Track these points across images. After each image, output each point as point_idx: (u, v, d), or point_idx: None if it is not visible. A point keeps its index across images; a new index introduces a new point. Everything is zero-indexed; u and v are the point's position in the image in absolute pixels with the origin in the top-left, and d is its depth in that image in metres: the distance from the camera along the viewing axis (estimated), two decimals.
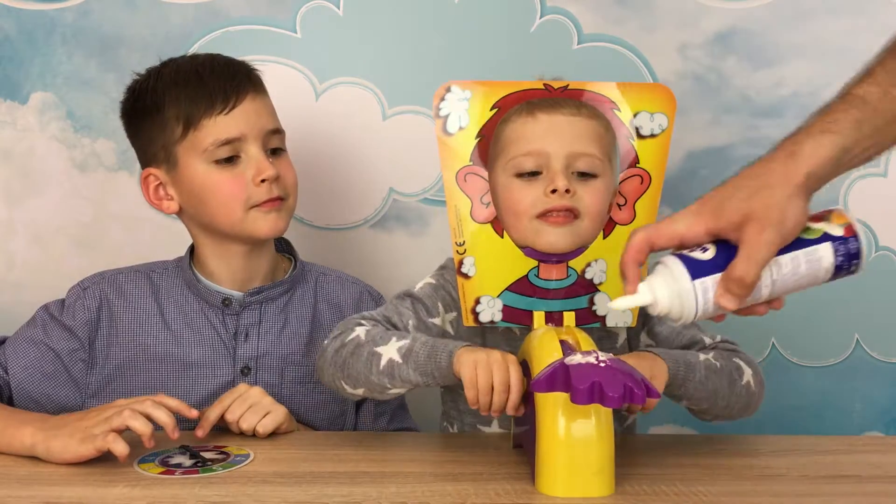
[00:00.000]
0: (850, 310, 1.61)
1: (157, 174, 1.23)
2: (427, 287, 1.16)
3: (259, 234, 1.22)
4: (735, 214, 0.85)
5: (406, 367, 1.03)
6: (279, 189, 1.22)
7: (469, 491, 0.94)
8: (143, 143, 1.24)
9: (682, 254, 0.89)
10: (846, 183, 1.58)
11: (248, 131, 1.20)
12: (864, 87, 0.85)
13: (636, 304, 0.88)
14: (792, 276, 0.88)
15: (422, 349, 1.02)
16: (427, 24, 1.55)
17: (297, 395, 1.27)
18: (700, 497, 0.92)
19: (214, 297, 1.26)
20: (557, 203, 1.06)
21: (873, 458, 1.08)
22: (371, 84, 1.56)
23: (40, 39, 1.54)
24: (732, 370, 1.10)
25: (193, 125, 1.19)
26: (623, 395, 0.84)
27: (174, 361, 1.24)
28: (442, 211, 1.56)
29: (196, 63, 1.23)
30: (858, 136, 0.85)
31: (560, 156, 1.07)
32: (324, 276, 1.35)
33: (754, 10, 1.56)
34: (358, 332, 1.07)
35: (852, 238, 0.89)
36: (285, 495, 0.93)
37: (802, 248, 0.87)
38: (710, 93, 1.57)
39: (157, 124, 1.21)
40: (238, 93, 1.20)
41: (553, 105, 1.09)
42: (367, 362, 1.05)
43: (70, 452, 1.01)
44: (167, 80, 1.22)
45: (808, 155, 0.85)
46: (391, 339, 1.05)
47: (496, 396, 0.98)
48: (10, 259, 1.57)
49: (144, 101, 1.22)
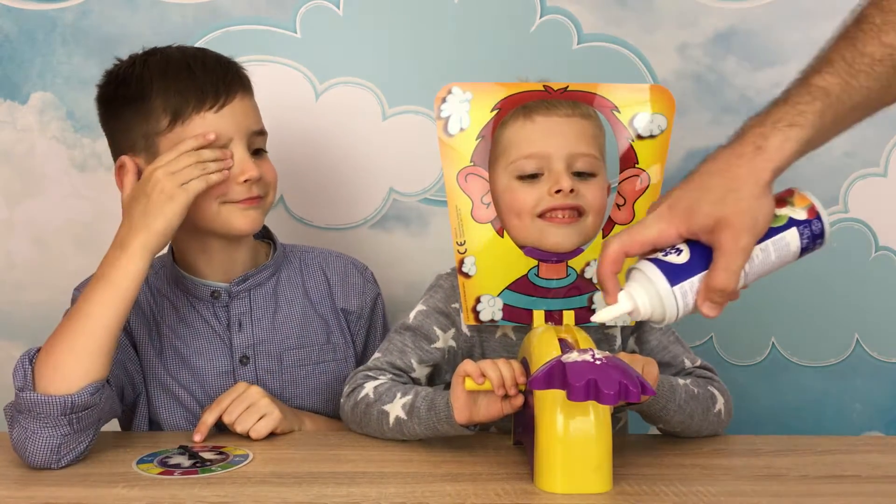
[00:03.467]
0: (850, 310, 1.61)
1: (135, 162, 1.18)
2: (419, 315, 1.18)
3: (235, 230, 1.20)
4: (707, 219, 0.85)
5: (411, 424, 1.07)
6: (259, 188, 1.20)
7: (469, 491, 0.94)
8: (121, 130, 1.21)
9: (656, 258, 0.88)
10: (846, 183, 1.58)
11: (234, 131, 1.18)
12: (826, 77, 0.85)
13: (619, 313, 0.88)
14: (762, 266, 0.89)
15: (422, 404, 1.06)
16: (427, 24, 1.55)
17: (297, 379, 1.27)
18: (700, 497, 0.92)
19: (202, 290, 1.25)
20: (562, 202, 1.08)
21: (873, 458, 1.08)
22: (371, 84, 1.56)
23: (40, 39, 1.54)
24: (707, 398, 1.12)
25: (181, 119, 1.16)
26: (618, 392, 0.85)
27: (174, 357, 1.24)
28: (442, 211, 1.56)
29: (186, 56, 1.21)
30: (821, 127, 0.85)
31: (561, 156, 1.09)
32: (307, 254, 1.35)
33: (754, 10, 1.56)
34: (367, 389, 1.12)
35: (816, 219, 0.90)
36: (284, 496, 0.93)
37: (770, 238, 0.88)
38: (710, 93, 1.57)
39: (140, 113, 1.18)
40: (229, 92, 1.19)
41: (549, 107, 1.11)
42: (378, 421, 1.09)
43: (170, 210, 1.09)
44: (155, 70, 1.19)
45: (775, 149, 0.84)
46: (396, 396, 1.08)
47: (503, 368, 0.99)
48: (10, 259, 1.57)
49: (128, 87, 1.19)
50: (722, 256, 0.85)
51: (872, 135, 1.58)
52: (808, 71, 0.87)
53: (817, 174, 1.57)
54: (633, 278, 0.89)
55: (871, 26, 0.84)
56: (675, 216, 0.86)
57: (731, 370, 1.60)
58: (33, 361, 1.04)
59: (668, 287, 0.86)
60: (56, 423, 1.01)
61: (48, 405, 1.01)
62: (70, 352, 1.03)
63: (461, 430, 1.04)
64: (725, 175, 0.85)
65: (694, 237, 0.87)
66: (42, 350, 1.05)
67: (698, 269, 0.86)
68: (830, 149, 1.56)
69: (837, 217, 1.58)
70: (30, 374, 1.03)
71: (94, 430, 1.05)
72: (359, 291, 1.34)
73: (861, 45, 0.84)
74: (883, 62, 0.83)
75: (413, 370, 1.15)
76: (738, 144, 0.86)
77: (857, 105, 0.85)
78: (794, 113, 0.85)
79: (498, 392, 0.99)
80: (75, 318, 1.06)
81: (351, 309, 1.32)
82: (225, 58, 1.23)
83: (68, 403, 1.01)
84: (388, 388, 1.11)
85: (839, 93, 0.84)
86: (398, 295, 1.49)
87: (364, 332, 1.34)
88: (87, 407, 1.02)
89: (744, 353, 1.62)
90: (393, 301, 1.40)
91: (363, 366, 1.17)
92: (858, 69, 0.84)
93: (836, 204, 1.58)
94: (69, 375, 1.02)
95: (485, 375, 0.99)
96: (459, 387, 1.01)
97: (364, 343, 1.33)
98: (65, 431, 1.01)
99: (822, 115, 0.85)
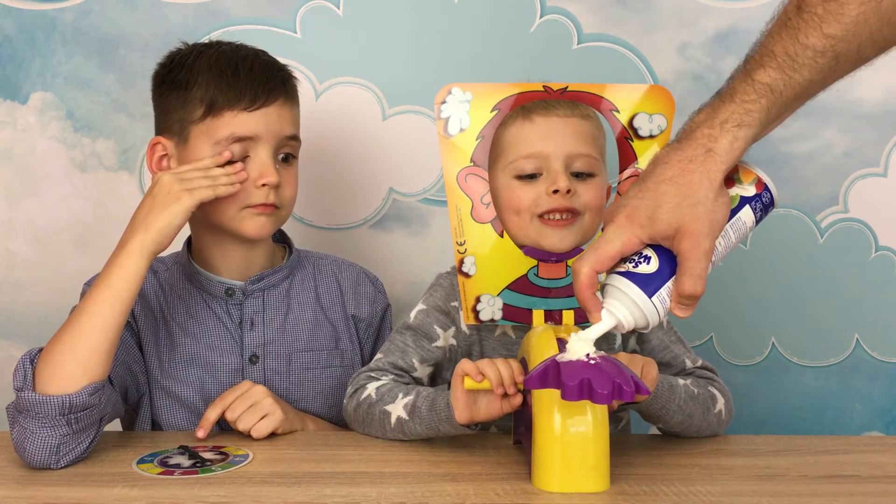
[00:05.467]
0: (850, 310, 1.61)
1: (167, 145, 1.22)
2: (420, 315, 1.18)
3: (244, 234, 1.22)
4: (667, 228, 0.86)
5: (413, 424, 1.07)
6: (276, 198, 1.21)
7: (468, 491, 0.94)
8: (163, 111, 1.24)
9: (628, 272, 0.89)
10: (846, 183, 1.58)
11: (263, 134, 1.20)
12: (770, 73, 0.86)
13: (604, 330, 0.90)
14: (724, 249, 0.91)
15: (423, 404, 1.07)
16: (427, 24, 1.55)
17: (304, 382, 1.28)
18: (700, 497, 0.92)
19: (217, 287, 1.26)
20: (559, 203, 1.08)
21: (873, 458, 1.08)
22: (371, 84, 1.56)
23: (40, 39, 1.54)
24: (707, 398, 1.13)
25: (214, 112, 1.19)
26: (612, 391, 0.85)
27: (184, 354, 1.25)
28: (442, 211, 1.57)
29: (238, 56, 1.23)
30: (766, 122, 0.87)
31: (559, 157, 1.09)
32: (321, 260, 1.36)
33: (754, 10, 1.56)
34: (369, 389, 1.13)
35: (764, 191, 0.92)
36: (284, 496, 0.93)
37: (728, 222, 0.90)
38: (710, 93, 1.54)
39: (181, 99, 1.21)
40: (268, 95, 1.21)
41: (548, 107, 1.11)
42: (380, 422, 1.10)
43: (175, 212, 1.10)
44: (204, 63, 1.21)
45: (725, 151, 0.86)
46: (398, 397, 1.09)
47: (501, 367, 1.00)
48: (10, 259, 1.57)
49: (177, 73, 1.22)
50: (685, 262, 0.86)
51: (872, 135, 1.59)
52: (752, 64, 0.88)
53: (817, 174, 1.57)
54: (610, 294, 0.90)
55: (812, 16, 0.84)
56: (634, 226, 0.88)
57: (731, 370, 1.60)
58: (34, 362, 1.04)
59: (646, 298, 0.88)
60: (54, 423, 1.01)
61: (46, 405, 1.01)
62: (69, 352, 1.03)
63: (462, 430, 1.04)
64: (679, 182, 0.86)
65: (657, 242, 0.88)
66: (43, 350, 1.05)
67: (669, 274, 0.88)
68: (830, 149, 1.58)
69: (837, 217, 1.58)
70: (30, 375, 1.03)
71: (94, 431, 1.05)
72: (370, 300, 1.35)
73: (803, 37, 0.84)
74: (825, 54, 0.84)
75: (415, 370, 1.16)
76: (689, 146, 0.87)
77: (798, 96, 0.87)
78: (742, 112, 0.86)
79: (497, 391, 1.00)
80: (76, 318, 1.06)
81: (361, 316, 1.34)
82: (278, 64, 1.26)
83: (66, 404, 1.01)
84: (390, 388, 1.11)
85: (783, 88, 0.85)
86: (398, 295, 1.49)
87: (372, 341, 1.35)
88: (85, 407, 1.02)
89: (744, 353, 1.62)
90: (393, 301, 1.40)
91: (365, 366, 1.18)
92: (801, 63, 0.84)
93: (836, 204, 1.58)
94: (68, 376, 1.02)
95: (483, 374, 0.99)
96: (459, 387, 1.01)
97: (371, 351, 1.34)
98: (63, 432, 1.01)
99: (768, 111, 0.86)
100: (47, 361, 1.03)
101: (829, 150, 1.58)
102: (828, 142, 1.58)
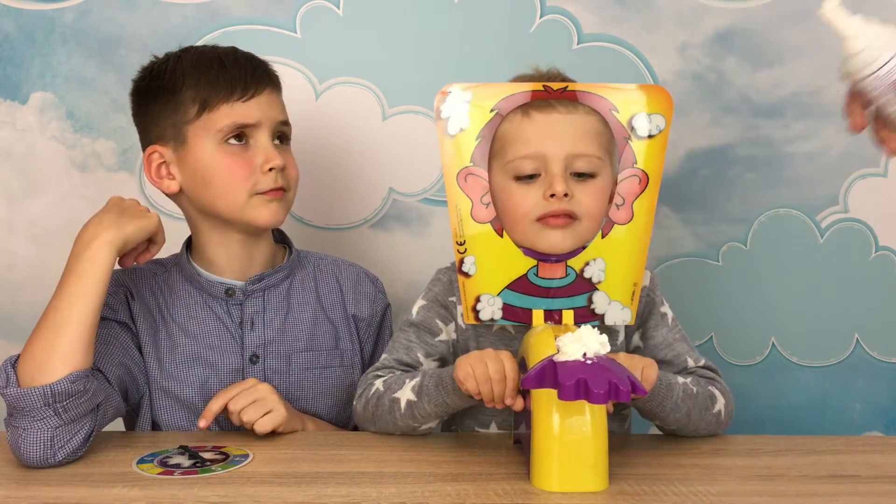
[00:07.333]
0: (850, 310, 1.61)
1: (163, 152, 1.23)
2: (421, 310, 1.19)
3: (258, 223, 1.23)
4: None
5: (422, 404, 1.08)
6: (283, 180, 1.23)
7: (468, 491, 0.94)
8: (150, 121, 1.25)
9: None
10: (846, 183, 1.58)
11: (262, 120, 1.22)
12: None
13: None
14: None
15: (430, 382, 1.08)
16: (427, 24, 1.55)
17: (304, 382, 1.28)
18: (700, 497, 0.92)
19: (217, 288, 1.26)
20: (556, 207, 1.08)
21: (873, 458, 1.08)
22: (371, 84, 1.56)
23: (40, 39, 1.54)
24: (707, 398, 1.12)
25: (209, 108, 1.20)
26: (608, 391, 0.86)
27: (184, 354, 1.25)
28: (442, 211, 1.57)
29: (218, 52, 1.25)
30: None
31: (558, 158, 1.08)
32: (321, 260, 1.37)
33: (754, 10, 1.56)
34: (377, 384, 1.13)
35: None
36: (284, 496, 0.93)
37: None
38: (709, 93, 1.57)
39: (169, 104, 1.22)
40: (258, 85, 1.23)
41: (548, 103, 1.09)
42: (390, 410, 1.11)
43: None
44: (187, 64, 1.23)
45: None
46: (405, 382, 1.10)
47: (494, 385, 1.01)
48: (10, 259, 1.57)
49: (161, 81, 1.23)
50: None
51: None
52: None
53: (817, 174, 1.57)
54: None
55: None
56: None
57: (731, 370, 1.60)
58: (14, 365, 1.06)
59: None
60: (42, 414, 1.02)
61: (29, 397, 1.02)
62: (45, 345, 1.05)
63: (469, 401, 1.06)
64: None
65: None
66: (23, 350, 1.07)
67: None
68: (830, 149, 1.58)
69: (837, 217, 1.58)
70: (12, 376, 1.04)
71: (88, 423, 1.06)
72: (370, 300, 1.36)
73: None
74: None
75: (420, 364, 1.16)
76: None
77: None
78: None
79: (488, 405, 1.02)
80: (48, 314, 1.08)
81: (362, 316, 1.34)
82: (256, 57, 1.27)
83: (48, 392, 1.02)
84: (397, 378, 1.12)
85: None
86: (398, 294, 1.49)
87: (373, 341, 1.35)
88: (70, 395, 1.03)
89: (744, 353, 1.62)
90: (393, 300, 1.40)
91: (371, 367, 1.19)
92: None
93: (836, 204, 1.57)
94: (47, 367, 1.03)
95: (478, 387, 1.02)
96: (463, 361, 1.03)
97: (371, 351, 1.35)
98: (54, 423, 1.02)
99: None
100: (27, 359, 1.05)
101: (829, 150, 1.58)
102: (828, 142, 1.58)
